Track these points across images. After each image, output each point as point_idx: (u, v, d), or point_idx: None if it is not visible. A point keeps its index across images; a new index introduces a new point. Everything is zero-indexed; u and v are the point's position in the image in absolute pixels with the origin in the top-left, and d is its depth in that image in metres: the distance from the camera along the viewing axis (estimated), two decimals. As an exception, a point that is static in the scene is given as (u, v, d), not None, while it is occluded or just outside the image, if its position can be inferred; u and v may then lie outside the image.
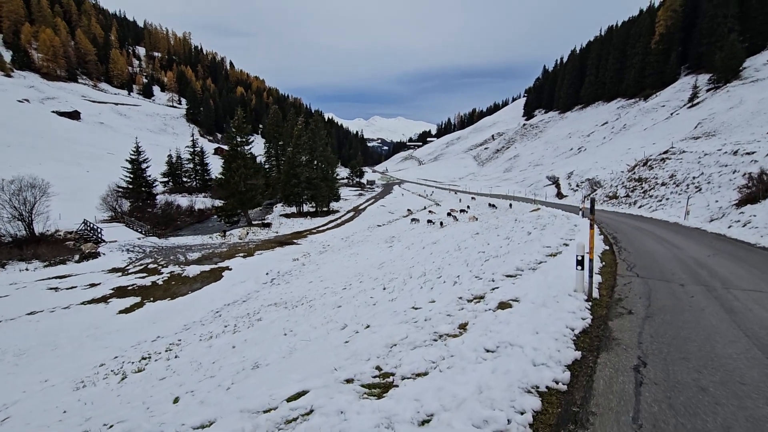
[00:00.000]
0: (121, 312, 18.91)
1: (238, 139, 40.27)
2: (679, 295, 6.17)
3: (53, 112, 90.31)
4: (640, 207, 27.64)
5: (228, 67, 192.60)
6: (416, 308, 6.08)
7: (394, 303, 8.67)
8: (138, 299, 20.50)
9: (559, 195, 48.33)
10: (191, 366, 9.03)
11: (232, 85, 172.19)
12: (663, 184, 28.43)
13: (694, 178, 26.02)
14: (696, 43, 69.28)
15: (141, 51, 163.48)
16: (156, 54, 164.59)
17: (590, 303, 5.41)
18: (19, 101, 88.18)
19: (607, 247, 10.91)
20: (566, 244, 10.94)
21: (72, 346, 14.67)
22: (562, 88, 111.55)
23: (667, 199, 26.21)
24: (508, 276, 7.28)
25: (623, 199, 31.17)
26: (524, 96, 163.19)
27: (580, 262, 5.55)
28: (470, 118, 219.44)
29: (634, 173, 33.64)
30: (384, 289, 12.27)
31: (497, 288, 6.35)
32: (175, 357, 11.25)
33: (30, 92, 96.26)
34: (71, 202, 42.52)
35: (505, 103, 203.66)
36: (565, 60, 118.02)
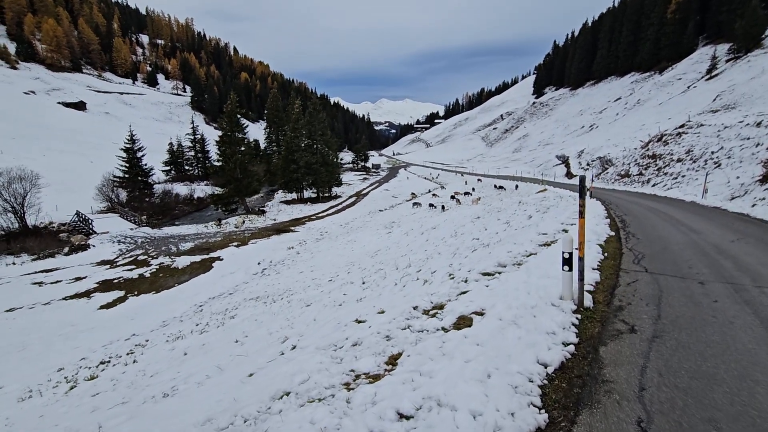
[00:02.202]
0: (102, 307, 18.13)
1: (232, 125, 38.98)
2: (699, 298, 4.82)
3: (59, 103, 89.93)
4: (653, 185, 25.83)
5: (231, 53, 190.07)
6: (360, 321, 4.86)
7: (359, 304, 7.48)
8: (122, 293, 19.71)
9: (569, 174, 46.34)
10: (135, 377, 8.06)
11: (236, 71, 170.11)
12: (679, 160, 26.48)
13: (712, 153, 24.07)
14: (715, 11, 65.38)
15: (144, 39, 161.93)
16: (159, 41, 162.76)
17: (579, 315, 4.10)
18: (25, 93, 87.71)
19: (613, 233, 9.48)
20: (566, 230, 9.55)
21: (41, 347, 13.88)
22: (573, 64, 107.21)
23: (683, 176, 24.37)
24: (485, 274, 5.98)
25: (636, 177, 29.29)
26: (534, 73, 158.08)
27: (567, 261, 4.23)
28: (479, 98, 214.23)
29: (648, 150, 31.59)
30: (363, 283, 11.11)
31: (465, 293, 5.08)
32: (134, 362, 10.30)
33: (36, 84, 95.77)
34: (71, 193, 42.06)
35: (515, 82, 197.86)
36: (576, 34, 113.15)
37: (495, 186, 42.08)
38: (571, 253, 4.20)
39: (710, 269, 6.24)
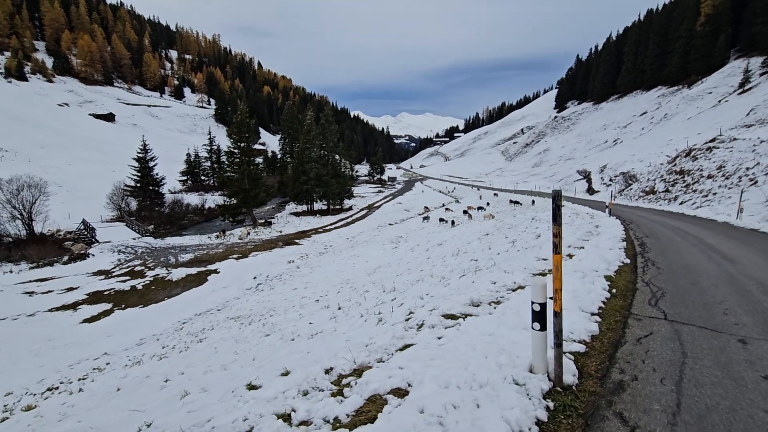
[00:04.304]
0: (85, 321, 17.39)
1: (241, 134, 38.66)
2: (740, 370, 3.33)
3: (90, 114, 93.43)
4: (681, 203, 23.74)
5: (256, 68, 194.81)
6: (253, 388, 3.55)
7: (309, 342, 6.23)
8: (109, 306, 18.97)
9: (590, 190, 44.09)
10: (55, 416, 6.99)
11: (259, 85, 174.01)
12: (710, 176, 24.32)
13: (747, 168, 21.93)
14: (748, 23, 62.52)
15: (173, 54, 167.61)
16: (187, 56, 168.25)
17: (553, 403, 2.71)
18: (59, 105, 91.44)
19: (628, 261, 7.90)
20: (570, 255, 8.06)
21: (6, 364, 13.07)
22: (596, 78, 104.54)
23: (715, 193, 22.25)
24: (447, 317, 4.61)
25: (662, 194, 27.16)
26: (556, 87, 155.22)
27: (538, 316, 2.86)
28: (499, 112, 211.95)
29: (675, 165, 29.39)
30: (339, 308, 9.82)
31: (407, 348, 3.72)
32: (79, 390, 9.28)
33: (69, 96, 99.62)
34: (88, 201, 42.52)
35: (536, 96, 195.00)
36: (600, 48, 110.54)
37: (510, 201, 40.31)
38: (543, 305, 2.84)
39: (753, 317, 4.69)
